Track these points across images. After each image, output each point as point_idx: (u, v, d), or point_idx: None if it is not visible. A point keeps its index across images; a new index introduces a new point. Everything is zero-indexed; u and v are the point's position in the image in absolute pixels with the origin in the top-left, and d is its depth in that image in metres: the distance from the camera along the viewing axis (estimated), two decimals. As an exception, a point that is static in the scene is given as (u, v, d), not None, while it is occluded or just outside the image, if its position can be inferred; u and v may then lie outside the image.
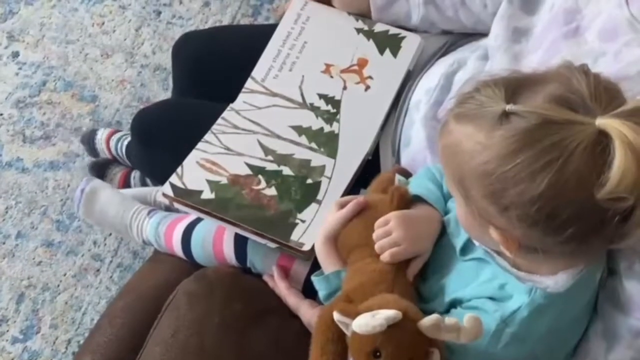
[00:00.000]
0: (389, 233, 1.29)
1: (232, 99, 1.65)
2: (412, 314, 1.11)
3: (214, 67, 1.80)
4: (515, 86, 1.05)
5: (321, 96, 1.64)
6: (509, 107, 1.01)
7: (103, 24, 2.80)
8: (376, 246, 1.29)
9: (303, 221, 1.48)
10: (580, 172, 0.97)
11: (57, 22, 2.81)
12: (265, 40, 1.71)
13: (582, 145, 0.96)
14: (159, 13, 2.82)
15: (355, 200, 1.39)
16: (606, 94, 1.01)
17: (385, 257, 1.28)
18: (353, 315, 1.11)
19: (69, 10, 2.84)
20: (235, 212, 1.48)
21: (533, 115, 0.99)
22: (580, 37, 1.29)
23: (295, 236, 1.46)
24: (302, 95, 1.64)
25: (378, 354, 1.10)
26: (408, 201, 1.35)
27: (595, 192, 0.97)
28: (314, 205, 1.50)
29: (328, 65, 1.68)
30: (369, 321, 1.08)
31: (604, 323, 1.21)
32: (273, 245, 1.46)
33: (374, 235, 1.30)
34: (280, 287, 1.49)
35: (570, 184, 0.97)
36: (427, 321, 1.08)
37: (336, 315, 1.13)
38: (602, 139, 0.96)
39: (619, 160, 0.95)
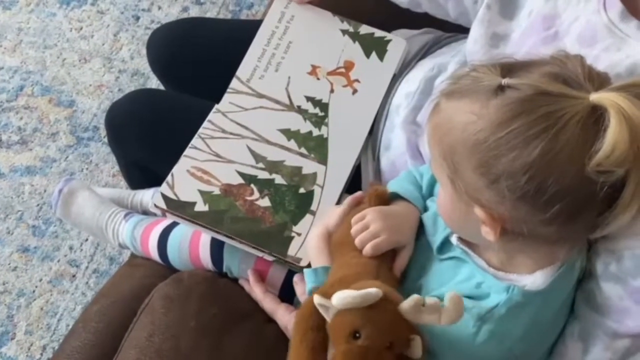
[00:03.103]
0: (367, 226, 1.29)
1: (208, 93, 1.64)
2: (393, 296, 1.10)
3: (185, 62, 1.81)
4: (510, 66, 1.07)
5: (308, 99, 1.62)
6: (505, 80, 1.03)
7: (81, 28, 2.80)
8: (356, 240, 1.29)
9: (299, 234, 1.46)
10: (573, 142, 0.98)
11: (34, 26, 2.80)
12: (236, 34, 1.69)
13: (576, 117, 0.98)
14: (138, 18, 2.81)
15: (352, 196, 1.40)
16: (599, 78, 1.04)
17: (367, 250, 1.28)
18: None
19: (47, 15, 2.83)
20: (231, 225, 1.46)
21: (529, 87, 1.01)
22: (559, 42, 1.30)
23: (292, 251, 1.44)
24: (289, 97, 1.62)
25: (358, 334, 1.08)
26: (385, 199, 1.35)
27: (587, 162, 0.97)
28: (308, 217, 1.48)
29: (314, 67, 1.66)
30: (349, 293, 1.07)
31: (580, 325, 1.21)
32: (270, 258, 1.45)
33: (352, 230, 1.30)
34: (257, 291, 1.49)
35: (562, 155, 0.98)
36: (407, 302, 1.07)
37: (317, 299, 1.11)
38: (596, 112, 0.98)
39: (613, 129, 0.96)
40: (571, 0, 1.30)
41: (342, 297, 1.08)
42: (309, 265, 1.40)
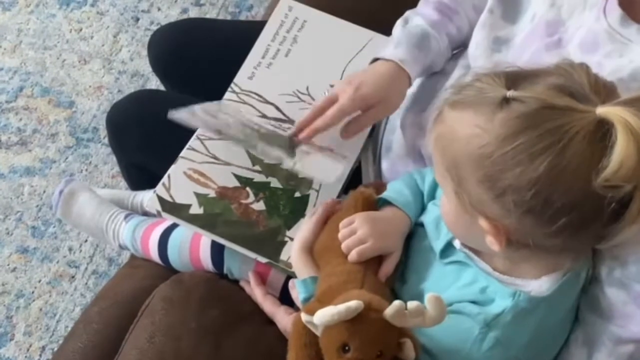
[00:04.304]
0: (354, 232, 1.29)
1: (209, 93, 1.63)
2: (377, 304, 1.10)
3: (186, 62, 1.81)
4: (515, 76, 1.06)
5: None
6: (510, 93, 1.02)
7: (81, 30, 2.80)
8: (342, 245, 1.29)
9: (292, 239, 1.45)
10: (579, 158, 0.97)
11: (34, 27, 2.80)
12: (237, 34, 1.65)
13: (583, 132, 0.97)
14: (137, 19, 2.81)
15: (323, 203, 1.41)
16: (605, 89, 1.03)
17: (352, 256, 1.28)
18: None
19: (46, 16, 2.83)
20: (224, 229, 1.46)
21: (534, 100, 1.00)
22: (562, 49, 1.29)
23: (284, 256, 1.44)
24: (284, 113, 1.61)
25: (347, 348, 1.09)
26: (372, 203, 1.36)
27: (594, 178, 0.97)
28: (302, 222, 1.47)
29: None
30: (327, 311, 1.07)
31: (584, 330, 1.21)
32: (264, 260, 1.45)
33: (340, 236, 1.30)
34: (257, 293, 1.48)
35: (569, 170, 0.98)
36: (390, 309, 1.07)
37: (303, 317, 1.12)
38: (603, 127, 0.97)
39: (621, 145, 0.95)
40: (576, 8, 1.30)
41: (322, 316, 1.08)
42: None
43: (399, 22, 1.57)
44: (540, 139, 0.98)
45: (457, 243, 1.22)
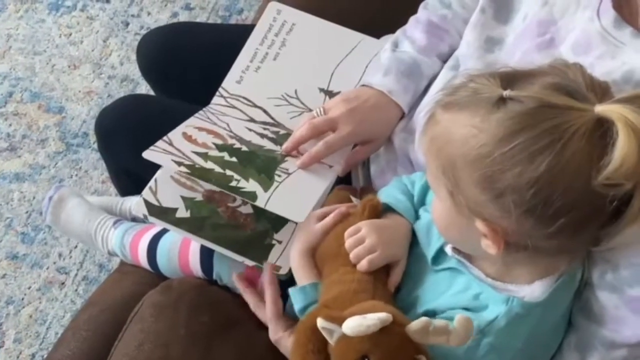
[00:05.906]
0: (362, 241, 1.27)
1: (198, 98, 1.63)
2: (400, 318, 1.08)
3: (175, 66, 1.81)
4: (510, 76, 1.05)
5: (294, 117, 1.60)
6: (506, 92, 1.01)
7: (70, 34, 2.79)
8: (351, 255, 1.26)
9: (279, 242, 1.44)
10: (579, 156, 0.97)
11: (24, 33, 2.80)
12: (227, 38, 1.66)
13: (582, 130, 0.97)
14: (127, 24, 2.81)
15: (338, 211, 1.37)
16: (600, 88, 1.03)
17: (362, 265, 1.25)
18: (339, 320, 1.08)
19: (36, 21, 2.83)
20: (211, 232, 1.45)
21: (532, 100, 0.99)
22: (554, 50, 1.28)
23: (272, 258, 1.42)
24: (271, 116, 1.61)
25: (366, 359, 1.07)
26: (379, 212, 1.34)
27: (594, 176, 0.97)
28: (290, 225, 1.45)
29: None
30: (362, 321, 1.05)
31: (577, 335, 1.20)
32: (251, 263, 1.43)
33: (347, 245, 1.27)
34: (268, 293, 1.41)
35: (569, 169, 0.97)
36: (415, 325, 1.05)
37: (320, 322, 1.09)
38: (602, 125, 0.97)
39: (622, 142, 0.95)
40: (568, 8, 1.29)
41: (354, 326, 1.06)
42: (289, 273, 1.39)
43: (388, 46, 1.57)
44: (539, 138, 0.98)
45: (448, 249, 1.21)
